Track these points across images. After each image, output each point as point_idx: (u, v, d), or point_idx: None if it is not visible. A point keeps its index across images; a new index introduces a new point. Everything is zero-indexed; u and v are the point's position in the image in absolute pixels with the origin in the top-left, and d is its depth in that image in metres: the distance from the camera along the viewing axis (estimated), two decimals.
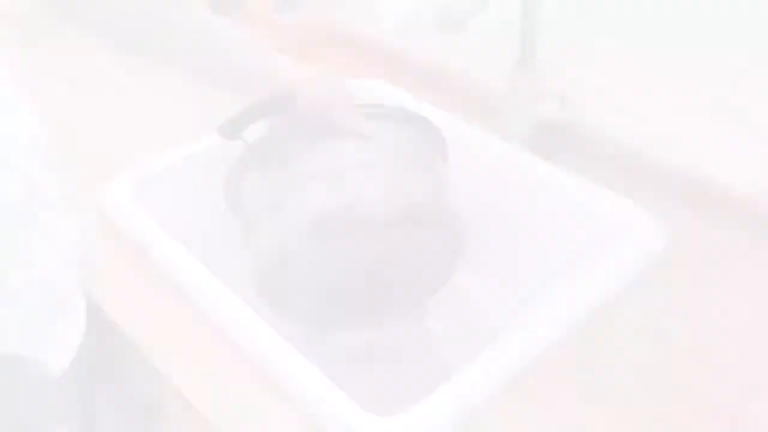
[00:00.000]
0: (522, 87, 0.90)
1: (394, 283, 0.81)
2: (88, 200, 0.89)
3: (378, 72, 1.13)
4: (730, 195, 0.81)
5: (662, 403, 0.63)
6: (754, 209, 0.79)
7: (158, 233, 0.80)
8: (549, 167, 0.88)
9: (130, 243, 0.82)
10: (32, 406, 0.63)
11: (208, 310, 0.73)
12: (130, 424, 0.86)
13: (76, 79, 1.16)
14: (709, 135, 0.81)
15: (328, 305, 0.80)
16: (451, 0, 0.73)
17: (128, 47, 0.72)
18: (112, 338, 0.84)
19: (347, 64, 1.16)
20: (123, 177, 0.88)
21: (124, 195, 0.86)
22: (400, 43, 1.13)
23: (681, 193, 0.84)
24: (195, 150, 0.92)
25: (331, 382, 0.64)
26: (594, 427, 0.62)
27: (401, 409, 0.61)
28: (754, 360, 0.66)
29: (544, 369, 0.66)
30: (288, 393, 0.65)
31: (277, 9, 1.07)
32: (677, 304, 0.72)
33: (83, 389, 0.75)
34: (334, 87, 0.73)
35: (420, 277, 0.82)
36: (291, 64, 0.73)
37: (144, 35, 0.71)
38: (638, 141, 0.88)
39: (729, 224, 0.81)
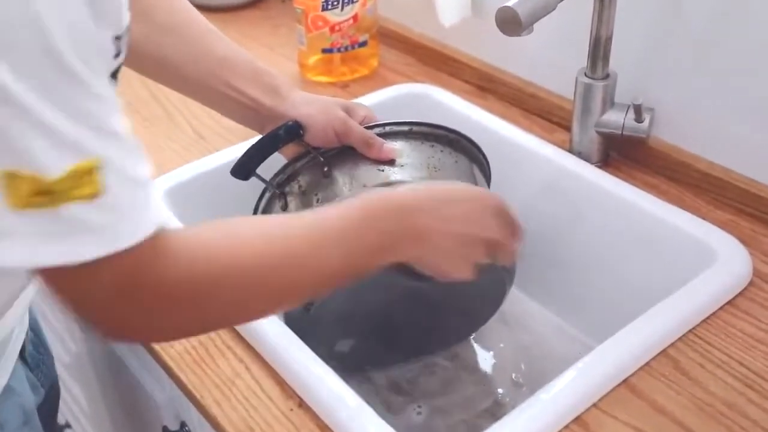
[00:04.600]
0: (592, 96, 0.90)
1: (438, 316, 0.81)
2: None
3: (432, 75, 1.14)
4: None
5: None
6: None
7: None
8: (620, 185, 0.88)
9: None
10: None
11: (242, 328, 0.74)
12: None
13: None
14: None
15: (366, 344, 0.81)
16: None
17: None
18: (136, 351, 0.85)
19: (399, 65, 1.17)
20: (155, 181, 0.90)
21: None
22: (457, 44, 1.13)
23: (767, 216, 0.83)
24: (229, 156, 0.93)
25: (377, 415, 0.64)
26: None
27: None
28: None
29: (621, 402, 0.66)
30: (327, 421, 0.66)
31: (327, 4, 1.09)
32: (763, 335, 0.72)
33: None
34: (343, 114, 0.77)
35: (468, 308, 0.83)
36: (297, 94, 0.79)
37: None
38: (721, 159, 0.87)
39: None
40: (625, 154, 0.94)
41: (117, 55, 0.47)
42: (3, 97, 0.40)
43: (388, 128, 0.77)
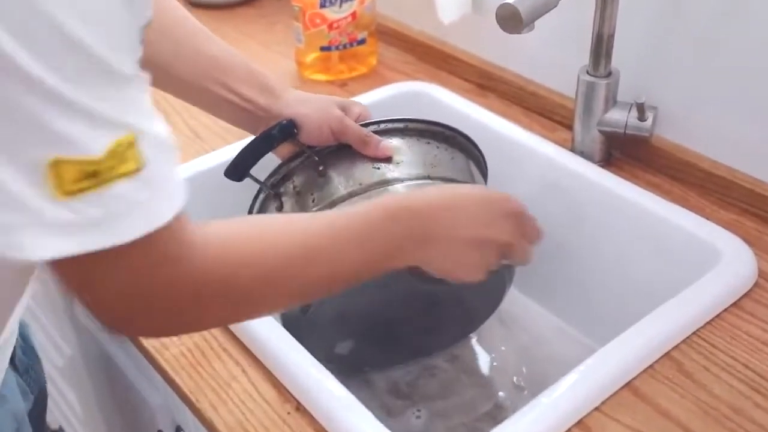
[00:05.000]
0: (594, 94, 0.89)
1: (437, 315, 0.81)
2: None
3: (432, 73, 1.14)
4: None
5: None
6: None
7: None
8: (623, 185, 0.87)
9: None
10: None
11: (238, 330, 0.74)
12: None
13: None
14: None
15: (365, 345, 0.81)
16: None
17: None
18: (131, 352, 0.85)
19: (398, 63, 1.17)
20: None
21: None
22: (456, 41, 1.13)
23: None
24: (226, 156, 0.93)
25: (375, 419, 0.64)
26: None
27: None
28: None
29: (624, 406, 0.66)
30: (324, 425, 0.66)
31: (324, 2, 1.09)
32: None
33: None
34: (339, 112, 0.77)
35: (467, 307, 0.83)
36: (291, 93, 0.79)
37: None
38: (725, 158, 0.87)
39: None
40: (628, 153, 0.94)
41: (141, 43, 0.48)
42: (32, 86, 0.40)
43: (383, 125, 0.77)
